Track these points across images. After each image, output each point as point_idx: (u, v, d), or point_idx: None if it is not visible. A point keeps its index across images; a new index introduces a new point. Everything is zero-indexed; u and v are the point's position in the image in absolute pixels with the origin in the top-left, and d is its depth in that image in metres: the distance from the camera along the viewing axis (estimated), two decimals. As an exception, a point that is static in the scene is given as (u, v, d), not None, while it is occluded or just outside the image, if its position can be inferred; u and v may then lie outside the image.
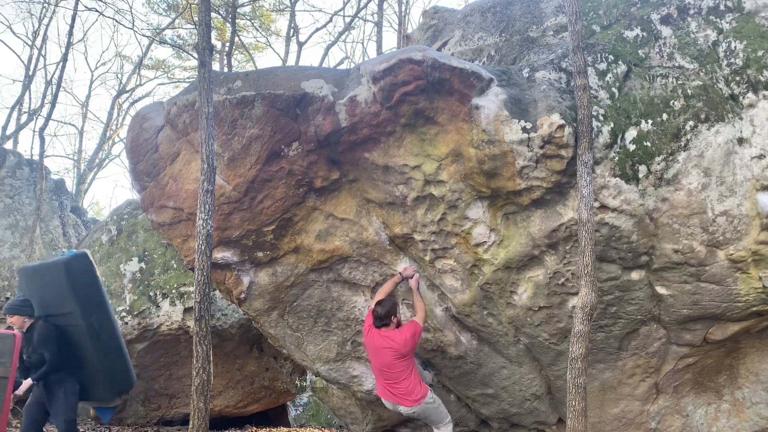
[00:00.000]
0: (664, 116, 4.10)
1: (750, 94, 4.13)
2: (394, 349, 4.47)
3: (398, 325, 4.62)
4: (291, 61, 18.45)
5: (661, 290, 4.31)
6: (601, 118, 4.06)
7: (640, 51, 4.36)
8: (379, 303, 4.57)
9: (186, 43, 19.22)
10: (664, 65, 4.30)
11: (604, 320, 4.53)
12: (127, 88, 21.37)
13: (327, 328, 5.30)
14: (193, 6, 15.15)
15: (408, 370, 4.55)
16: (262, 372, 9.11)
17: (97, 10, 14.91)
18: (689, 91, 4.14)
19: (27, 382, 5.02)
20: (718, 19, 4.34)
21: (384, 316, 4.51)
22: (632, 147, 4.04)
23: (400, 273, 4.80)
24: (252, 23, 19.37)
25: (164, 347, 8.29)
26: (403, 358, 4.51)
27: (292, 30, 18.69)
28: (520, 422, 5.44)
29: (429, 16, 6.26)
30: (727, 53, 4.23)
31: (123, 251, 8.54)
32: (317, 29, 22.33)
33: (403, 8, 14.83)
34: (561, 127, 3.93)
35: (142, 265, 8.31)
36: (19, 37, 22.19)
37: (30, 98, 17.74)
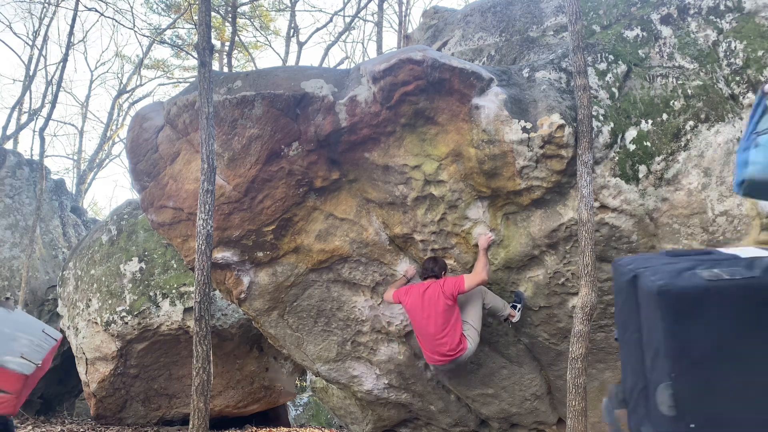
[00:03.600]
0: (664, 116, 4.10)
1: (750, 94, 4.12)
2: (438, 293, 4.31)
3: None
4: (291, 61, 18.45)
5: (661, 290, 4.30)
6: (601, 118, 4.06)
7: (640, 51, 4.36)
8: (431, 259, 4.50)
9: (185, 43, 19.21)
10: (664, 65, 4.30)
11: (604, 320, 4.53)
12: (127, 88, 21.37)
13: (327, 328, 5.30)
14: (193, 6, 15.15)
15: (450, 325, 4.38)
16: (262, 372, 9.11)
17: (97, 11, 14.91)
18: (689, 91, 4.14)
19: None
20: (718, 19, 4.34)
21: (439, 271, 4.44)
22: (632, 147, 4.04)
23: (404, 275, 4.79)
24: (252, 22, 19.37)
25: (164, 347, 8.29)
26: (447, 309, 4.32)
27: (292, 30, 18.68)
28: (520, 422, 5.44)
29: (429, 16, 6.26)
30: (727, 53, 4.24)
31: (123, 251, 8.54)
32: (317, 29, 22.35)
33: (404, 8, 14.82)
34: (561, 127, 3.93)
35: (142, 265, 8.31)
36: (19, 37, 22.17)
37: (30, 98, 17.74)
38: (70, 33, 12.67)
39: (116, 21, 19.94)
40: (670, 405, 1.30)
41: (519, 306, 4.50)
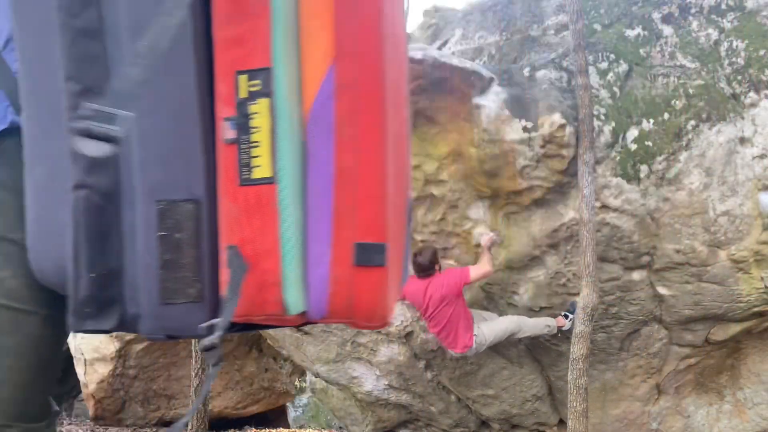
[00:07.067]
0: (666, 115, 4.08)
1: (752, 94, 4.11)
2: (436, 294, 4.21)
3: (440, 269, 4.33)
4: (290, 62, 18.41)
5: (662, 290, 4.29)
6: (602, 117, 4.05)
7: (641, 50, 4.35)
8: (418, 253, 4.25)
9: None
10: (666, 64, 4.28)
11: (606, 321, 4.51)
12: (127, 89, 21.32)
13: (327, 329, 5.28)
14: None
15: (454, 318, 4.29)
16: (261, 373, 9.09)
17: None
18: (691, 91, 4.12)
19: None
20: (719, 18, 4.32)
21: (428, 266, 4.20)
22: (633, 146, 4.03)
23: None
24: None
25: (163, 348, 8.26)
26: (447, 304, 4.23)
27: (291, 30, 18.67)
28: (520, 423, 5.42)
29: (429, 15, 6.24)
30: (729, 52, 4.22)
31: (122, 252, 8.51)
32: (317, 29, 22.30)
33: (404, 7, 14.81)
34: (562, 126, 3.91)
35: (141, 265, 8.28)
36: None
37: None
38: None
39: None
40: None
41: (571, 316, 4.39)
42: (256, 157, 0.75)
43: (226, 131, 0.75)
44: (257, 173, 0.75)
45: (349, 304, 0.76)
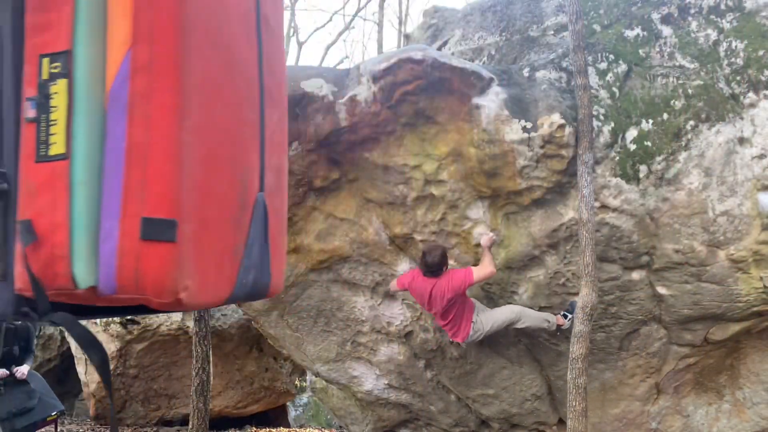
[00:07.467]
0: (665, 116, 4.09)
1: (751, 94, 4.12)
2: (440, 296, 4.25)
3: (446, 268, 4.34)
4: (291, 61, 18.43)
5: (661, 290, 4.30)
6: (601, 117, 4.05)
7: (640, 50, 4.35)
8: (427, 252, 4.26)
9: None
10: (665, 65, 4.29)
11: (605, 320, 4.52)
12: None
13: (327, 329, 5.29)
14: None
15: (459, 312, 4.36)
16: (261, 372, 9.10)
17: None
18: (690, 91, 4.13)
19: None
20: (718, 19, 4.33)
21: (437, 267, 4.21)
22: (633, 147, 4.03)
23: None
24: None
25: (164, 347, 8.28)
26: (452, 303, 4.29)
27: (291, 29, 18.68)
28: (520, 423, 5.43)
29: (429, 15, 6.25)
30: (728, 53, 4.23)
31: (122, 251, 8.51)
32: (317, 28, 22.35)
33: (404, 7, 14.82)
34: (561, 126, 3.92)
35: (142, 265, 8.28)
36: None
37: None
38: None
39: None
40: None
41: (570, 316, 4.40)
42: (54, 134, 0.78)
43: (28, 110, 0.79)
44: (53, 150, 0.77)
45: (136, 278, 0.76)
